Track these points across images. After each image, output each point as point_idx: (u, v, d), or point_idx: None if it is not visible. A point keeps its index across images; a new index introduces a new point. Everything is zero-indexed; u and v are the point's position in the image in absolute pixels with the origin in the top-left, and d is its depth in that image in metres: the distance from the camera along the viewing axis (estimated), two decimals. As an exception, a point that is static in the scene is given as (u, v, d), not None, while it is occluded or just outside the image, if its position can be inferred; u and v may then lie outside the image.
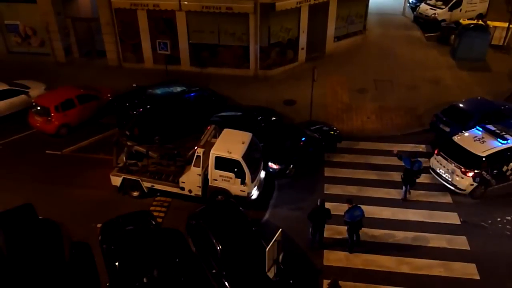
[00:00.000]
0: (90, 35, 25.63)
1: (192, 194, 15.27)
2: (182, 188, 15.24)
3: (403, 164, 15.56)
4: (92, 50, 26.05)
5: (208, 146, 14.85)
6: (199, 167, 14.72)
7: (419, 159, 15.72)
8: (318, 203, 13.44)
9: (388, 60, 25.88)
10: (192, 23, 23.47)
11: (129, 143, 15.91)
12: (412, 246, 14.04)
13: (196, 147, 14.75)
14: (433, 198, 15.92)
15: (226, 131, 15.63)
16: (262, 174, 16.04)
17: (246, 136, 15.26)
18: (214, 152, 14.52)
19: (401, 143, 18.90)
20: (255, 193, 15.31)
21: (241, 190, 14.75)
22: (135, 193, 15.84)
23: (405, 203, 15.73)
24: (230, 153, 14.35)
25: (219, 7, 22.26)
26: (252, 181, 14.72)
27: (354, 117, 20.70)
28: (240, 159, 14.27)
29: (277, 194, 16.32)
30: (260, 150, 15.90)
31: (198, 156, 14.62)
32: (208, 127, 15.97)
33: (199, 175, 14.85)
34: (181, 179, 15.13)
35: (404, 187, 15.77)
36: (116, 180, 15.74)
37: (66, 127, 19.27)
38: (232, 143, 14.76)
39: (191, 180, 15.03)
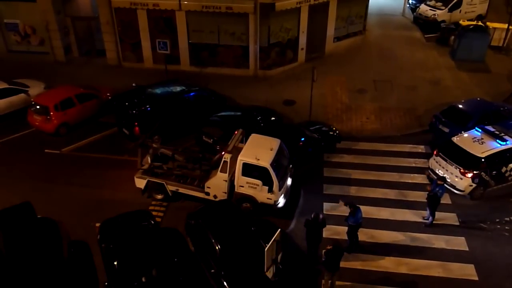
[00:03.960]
0: (90, 34, 25.62)
1: (217, 200, 14.94)
2: (207, 193, 14.95)
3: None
4: (91, 49, 26.03)
5: (236, 152, 14.49)
6: (226, 172, 14.38)
7: (444, 186, 14.57)
8: (312, 216, 13.02)
9: (387, 60, 25.89)
10: (192, 22, 23.47)
11: (155, 145, 15.56)
12: (411, 247, 14.05)
13: (223, 152, 14.44)
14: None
15: (253, 136, 15.20)
16: (289, 181, 15.60)
17: (275, 143, 14.86)
18: (241, 159, 14.16)
19: (400, 144, 18.94)
20: (281, 201, 14.86)
21: (267, 198, 14.38)
22: (159, 196, 15.65)
23: (403, 203, 15.72)
24: (258, 160, 13.97)
25: (219, 7, 22.25)
26: (280, 189, 14.32)
27: (354, 118, 20.71)
28: (268, 167, 13.89)
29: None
30: (288, 157, 15.40)
31: (225, 162, 14.25)
32: (236, 132, 15.49)
33: (226, 181, 14.53)
34: (206, 184, 14.82)
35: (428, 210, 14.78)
36: (140, 183, 15.46)
37: (65, 126, 19.26)
38: (260, 149, 14.39)
39: (217, 186, 14.72)
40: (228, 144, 14.78)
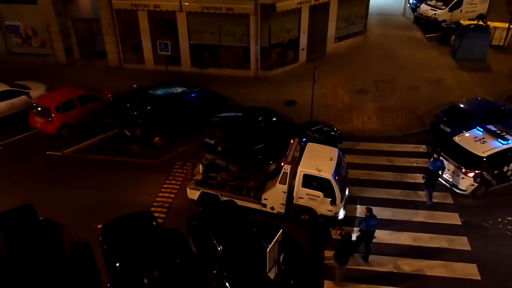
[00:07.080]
0: (91, 36, 25.66)
1: (274, 211, 14.57)
2: (264, 205, 14.57)
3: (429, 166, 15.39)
4: (92, 51, 26.08)
5: (294, 162, 14.14)
6: (285, 184, 14.00)
7: (440, 158, 15.59)
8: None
9: (388, 60, 25.89)
10: (193, 24, 23.49)
11: (207, 156, 15.29)
12: (413, 247, 14.03)
13: (282, 163, 14.01)
14: (434, 199, 15.84)
15: (310, 145, 14.88)
16: (347, 191, 15.11)
17: (334, 152, 14.48)
18: (302, 170, 13.80)
19: (402, 144, 18.92)
20: (341, 213, 14.40)
21: (328, 210, 13.94)
22: None
23: (405, 203, 15.70)
24: (320, 171, 13.59)
25: (220, 8, 22.27)
26: (341, 200, 14.00)
27: (355, 118, 20.70)
28: (331, 178, 13.52)
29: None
30: (346, 166, 15.11)
31: (285, 173, 13.85)
32: (291, 141, 15.05)
33: (284, 192, 14.15)
34: (263, 196, 14.44)
35: (427, 190, 15.46)
36: (194, 194, 15.13)
37: (67, 128, 19.26)
38: (320, 160, 14.00)
39: (274, 197, 14.34)
40: (286, 155, 14.40)
